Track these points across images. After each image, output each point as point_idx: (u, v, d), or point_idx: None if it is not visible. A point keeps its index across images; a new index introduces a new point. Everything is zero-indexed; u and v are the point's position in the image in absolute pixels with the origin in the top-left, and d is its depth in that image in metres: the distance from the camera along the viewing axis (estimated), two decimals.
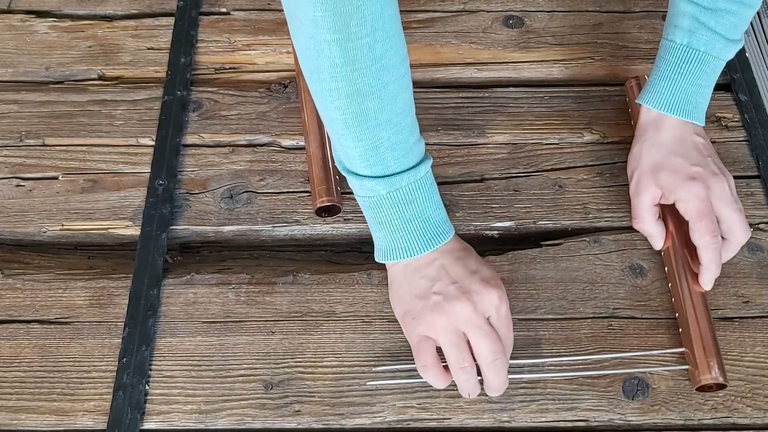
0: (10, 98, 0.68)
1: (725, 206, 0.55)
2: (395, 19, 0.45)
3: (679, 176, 0.56)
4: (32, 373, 0.54)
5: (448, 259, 0.52)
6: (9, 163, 0.64)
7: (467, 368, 0.50)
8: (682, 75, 0.57)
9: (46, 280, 0.59)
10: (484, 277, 0.51)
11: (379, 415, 0.53)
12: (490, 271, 0.52)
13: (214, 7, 0.75)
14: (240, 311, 0.57)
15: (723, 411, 0.53)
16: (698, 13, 0.55)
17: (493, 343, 0.49)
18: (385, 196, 0.50)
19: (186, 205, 0.62)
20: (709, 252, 0.54)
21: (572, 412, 0.53)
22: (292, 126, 0.66)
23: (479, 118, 0.67)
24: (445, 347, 0.50)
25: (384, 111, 0.47)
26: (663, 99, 0.58)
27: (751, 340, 0.56)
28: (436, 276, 0.51)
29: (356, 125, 0.47)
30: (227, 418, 0.53)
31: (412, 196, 0.50)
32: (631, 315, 0.57)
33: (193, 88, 0.69)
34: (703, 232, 0.54)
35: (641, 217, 0.58)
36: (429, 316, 0.50)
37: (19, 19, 0.74)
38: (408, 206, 0.51)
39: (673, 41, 0.57)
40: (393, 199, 0.50)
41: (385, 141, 0.48)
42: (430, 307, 0.50)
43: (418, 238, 0.51)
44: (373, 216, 0.52)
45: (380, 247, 0.53)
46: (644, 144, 0.59)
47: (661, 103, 0.58)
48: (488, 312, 0.50)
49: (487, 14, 0.74)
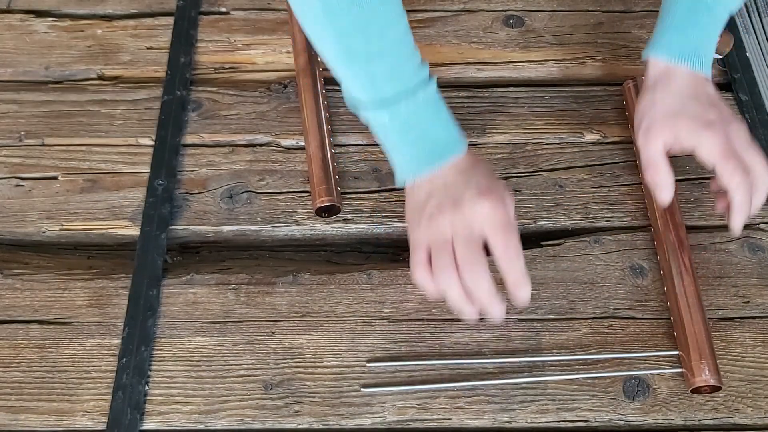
0: (10, 98, 0.68)
1: (746, 149, 0.53)
2: None
3: (698, 122, 0.54)
4: (32, 373, 0.54)
5: (451, 173, 0.52)
6: (8, 163, 0.64)
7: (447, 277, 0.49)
8: (692, 24, 0.56)
9: (45, 281, 0.59)
10: (479, 188, 0.50)
11: (379, 415, 0.53)
12: (489, 181, 0.51)
13: (213, 6, 0.74)
14: (240, 311, 0.57)
15: (723, 411, 0.53)
16: None
17: (469, 254, 0.48)
18: (388, 122, 0.52)
19: (186, 205, 0.62)
20: (741, 192, 0.52)
21: (573, 412, 0.53)
22: (291, 126, 0.66)
23: (479, 118, 0.67)
24: (432, 252, 0.50)
25: (372, 46, 0.49)
26: (674, 49, 0.56)
27: (751, 340, 0.56)
28: (435, 190, 0.51)
29: (348, 61, 0.50)
30: (227, 419, 0.53)
31: (414, 120, 0.51)
32: (632, 315, 0.57)
33: (193, 88, 0.69)
34: (732, 171, 0.52)
35: (655, 164, 0.55)
36: (422, 223, 0.51)
37: (19, 18, 0.74)
38: (412, 129, 0.52)
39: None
40: (395, 124, 0.52)
41: (379, 74, 0.50)
42: (426, 216, 0.51)
43: (424, 157, 0.52)
44: (384, 140, 0.54)
45: (396, 170, 0.54)
46: (656, 93, 0.57)
47: (672, 54, 0.56)
48: (479, 223, 0.49)
49: (488, 14, 0.74)
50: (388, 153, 0.54)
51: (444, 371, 0.54)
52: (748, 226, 0.61)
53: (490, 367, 0.54)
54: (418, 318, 0.56)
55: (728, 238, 0.60)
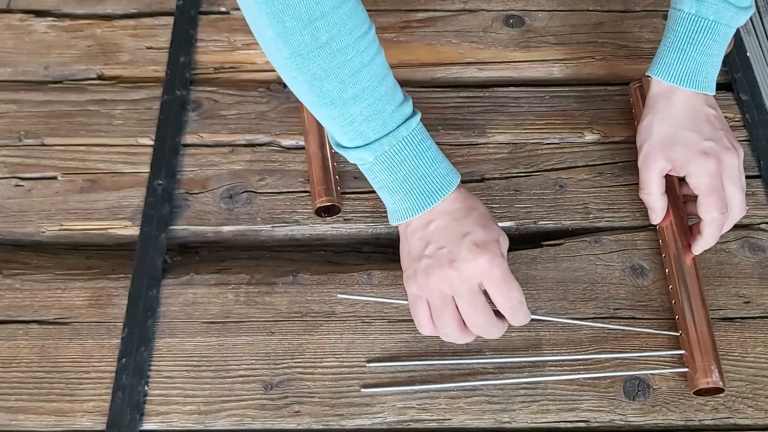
0: (9, 98, 0.68)
1: (731, 183, 0.55)
2: (341, 2, 0.45)
3: (692, 151, 0.55)
4: (31, 373, 0.54)
5: (444, 220, 0.51)
6: (8, 163, 0.64)
7: (451, 333, 0.50)
8: (692, 45, 0.56)
9: (45, 281, 0.58)
10: (475, 241, 0.49)
11: (379, 415, 0.53)
12: (483, 233, 0.50)
13: (213, 6, 0.74)
14: (239, 311, 0.57)
15: (724, 412, 0.53)
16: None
17: (475, 313, 0.49)
18: (373, 161, 0.50)
19: (185, 205, 0.62)
20: (712, 227, 0.55)
21: (573, 412, 0.53)
22: (291, 126, 0.66)
23: (480, 118, 0.67)
24: (432, 309, 0.51)
25: (347, 90, 0.47)
26: (673, 70, 0.57)
27: (752, 340, 0.56)
28: (429, 238, 0.51)
29: (324, 106, 0.48)
30: (226, 419, 0.52)
31: (400, 157, 0.50)
32: (632, 315, 0.57)
33: (193, 88, 0.69)
34: (711, 207, 0.54)
35: (648, 189, 0.58)
36: (419, 278, 0.50)
37: (18, 18, 0.74)
38: (399, 167, 0.50)
39: (681, 10, 0.56)
40: (381, 164, 0.50)
41: (358, 116, 0.48)
42: (421, 271, 0.50)
43: (414, 198, 0.51)
44: (372, 181, 0.53)
45: (388, 210, 0.54)
46: (655, 116, 0.58)
47: (671, 75, 0.57)
48: (476, 278, 0.49)
49: (488, 13, 0.74)
50: (378, 193, 0.53)
51: (444, 371, 0.54)
52: (748, 226, 0.61)
53: (490, 367, 0.54)
54: None
55: (728, 239, 0.60)
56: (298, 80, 0.48)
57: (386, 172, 0.50)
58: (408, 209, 0.51)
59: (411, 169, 0.50)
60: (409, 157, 0.50)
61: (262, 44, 0.48)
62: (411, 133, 0.50)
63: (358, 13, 0.47)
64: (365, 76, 0.48)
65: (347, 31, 0.46)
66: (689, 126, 0.56)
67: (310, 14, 0.44)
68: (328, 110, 0.49)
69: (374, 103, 0.48)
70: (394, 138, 0.49)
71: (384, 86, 0.49)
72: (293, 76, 0.48)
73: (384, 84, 0.49)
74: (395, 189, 0.51)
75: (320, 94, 0.48)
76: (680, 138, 0.56)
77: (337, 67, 0.46)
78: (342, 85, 0.47)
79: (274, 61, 0.48)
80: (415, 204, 0.51)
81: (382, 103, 0.49)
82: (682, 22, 0.56)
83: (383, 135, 0.49)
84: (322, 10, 0.44)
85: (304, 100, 0.50)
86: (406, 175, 0.50)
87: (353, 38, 0.46)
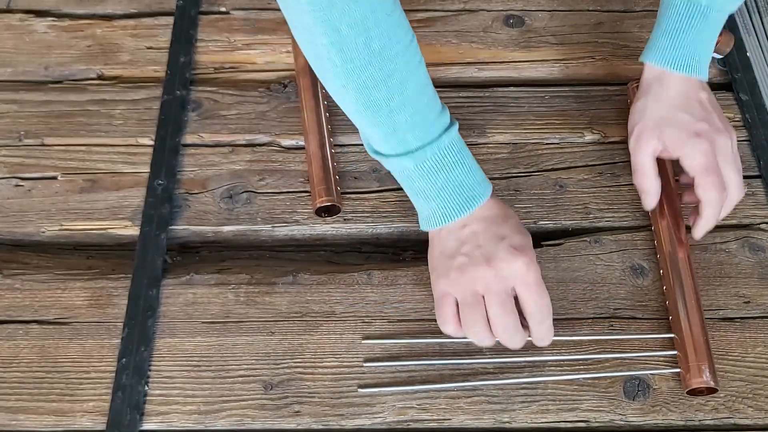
0: (9, 98, 0.68)
1: (727, 165, 0.55)
2: (391, 10, 0.46)
3: (685, 132, 0.55)
4: (31, 373, 0.54)
5: (481, 225, 0.52)
6: (8, 162, 0.64)
7: (479, 332, 0.51)
8: (685, 30, 0.56)
9: (44, 281, 0.58)
10: (513, 244, 0.50)
11: (379, 415, 0.53)
12: (521, 238, 0.51)
13: (213, 6, 0.74)
14: (239, 311, 0.57)
15: (724, 412, 0.53)
16: None
17: (504, 315, 0.50)
18: (413, 169, 0.51)
19: (185, 205, 0.62)
20: (712, 207, 0.54)
21: (573, 412, 0.53)
22: (291, 126, 0.66)
23: (479, 118, 0.67)
24: (461, 306, 0.51)
25: (394, 98, 0.48)
26: (666, 56, 0.57)
27: (752, 340, 0.56)
28: (466, 239, 0.51)
29: (370, 114, 0.49)
30: (226, 419, 0.52)
31: (440, 165, 0.51)
32: (632, 315, 0.57)
33: (193, 88, 0.69)
34: (708, 186, 0.54)
35: (642, 170, 0.58)
36: (452, 275, 0.51)
37: (18, 18, 0.74)
38: (438, 175, 0.51)
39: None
40: (421, 171, 0.51)
41: (402, 124, 0.49)
42: (455, 267, 0.51)
43: (452, 204, 0.51)
44: (408, 188, 0.53)
45: (422, 215, 0.54)
46: (648, 99, 0.58)
47: (664, 60, 0.57)
48: (512, 280, 0.50)
49: (488, 13, 0.74)
50: (413, 199, 0.54)
51: (444, 371, 0.54)
52: (748, 226, 0.61)
53: (490, 367, 0.54)
54: (418, 318, 0.56)
55: (728, 238, 0.60)
56: (346, 88, 0.48)
57: (425, 179, 0.51)
58: (444, 215, 0.52)
59: (450, 177, 0.51)
60: (449, 164, 0.51)
61: (311, 53, 0.47)
62: (452, 141, 0.51)
63: (404, 21, 0.48)
64: (412, 85, 0.48)
65: (397, 40, 0.46)
66: (682, 108, 0.57)
67: (365, 22, 0.44)
68: (372, 118, 0.49)
69: (419, 112, 0.49)
70: (436, 146, 0.50)
71: (427, 95, 0.50)
72: (342, 85, 0.47)
73: (427, 92, 0.50)
74: (433, 196, 0.52)
75: (367, 103, 0.48)
76: (673, 119, 0.56)
77: (387, 76, 0.47)
78: (390, 93, 0.47)
79: (322, 69, 0.48)
80: (452, 211, 0.51)
81: (425, 111, 0.50)
82: (675, 7, 0.56)
83: (426, 143, 0.50)
84: (376, 19, 0.45)
85: (348, 108, 0.50)
86: (444, 182, 0.51)
87: (402, 46, 0.47)
